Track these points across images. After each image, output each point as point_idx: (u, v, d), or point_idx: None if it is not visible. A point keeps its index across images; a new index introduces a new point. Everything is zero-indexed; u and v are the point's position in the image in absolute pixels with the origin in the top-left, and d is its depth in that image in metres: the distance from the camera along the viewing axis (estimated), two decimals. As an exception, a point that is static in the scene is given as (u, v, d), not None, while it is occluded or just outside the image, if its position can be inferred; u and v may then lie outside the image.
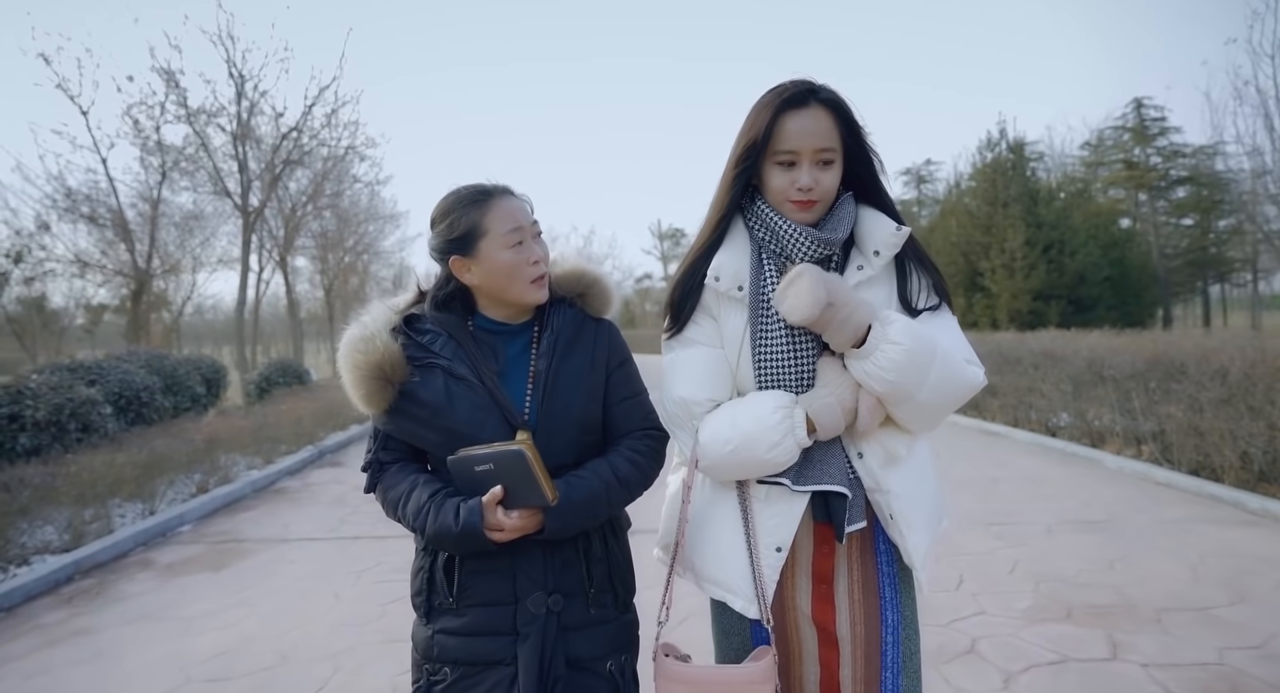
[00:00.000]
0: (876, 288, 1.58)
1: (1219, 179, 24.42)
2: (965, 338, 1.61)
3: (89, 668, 3.67)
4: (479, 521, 1.42)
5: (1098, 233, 21.93)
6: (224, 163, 15.59)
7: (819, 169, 1.51)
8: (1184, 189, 27.27)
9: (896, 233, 1.56)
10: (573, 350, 1.59)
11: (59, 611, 4.47)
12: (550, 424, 1.53)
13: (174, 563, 5.34)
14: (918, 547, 1.55)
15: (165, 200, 16.55)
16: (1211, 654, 3.36)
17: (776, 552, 1.53)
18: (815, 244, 1.52)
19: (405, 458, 1.62)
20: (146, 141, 15.44)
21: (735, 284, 1.57)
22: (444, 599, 1.54)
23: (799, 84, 1.53)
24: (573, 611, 1.53)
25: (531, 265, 1.54)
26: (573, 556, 1.55)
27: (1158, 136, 26.52)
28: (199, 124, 14.44)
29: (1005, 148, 23.62)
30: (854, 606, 1.59)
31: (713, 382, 1.58)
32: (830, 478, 1.52)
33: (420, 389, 1.52)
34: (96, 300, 22.98)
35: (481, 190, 1.56)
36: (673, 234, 53.40)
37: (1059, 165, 29.17)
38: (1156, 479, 6.69)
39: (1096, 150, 28.78)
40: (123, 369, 8.77)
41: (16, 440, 6.63)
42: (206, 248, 19.04)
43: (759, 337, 1.55)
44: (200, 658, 3.70)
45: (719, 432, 1.51)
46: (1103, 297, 21.30)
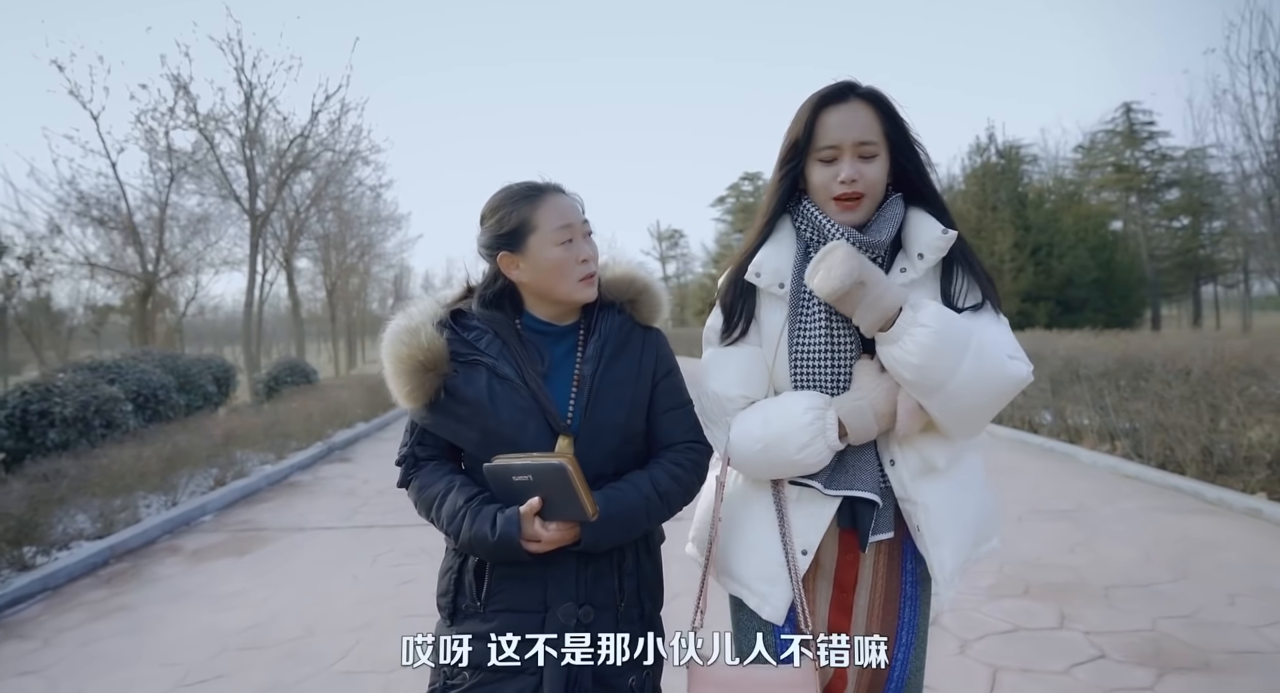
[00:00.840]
0: (918, 292, 1.53)
1: (1209, 182, 24.85)
2: (1013, 337, 1.56)
3: (135, 638, 4.04)
4: (516, 531, 1.40)
5: (1086, 236, 22.37)
6: (230, 167, 15.97)
7: (861, 162, 1.49)
8: (1175, 191, 27.69)
9: (943, 236, 1.52)
10: (619, 358, 1.57)
11: (99, 590, 4.85)
12: (592, 432, 1.51)
13: (199, 549, 5.72)
14: (943, 563, 1.51)
15: (173, 203, 16.89)
16: (1146, 623, 3.74)
17: (803, 554, 1.52)
18: (858, 246, 1.49)
19: (441, 456, 1.60)
20: (155, 146, 15.80)
21: (776, 281, 1.56)
22: (471, 602, 1.51)
23: (838, 82, 1.53)
24: (601, 624, 1.50)
25: (580, 264, 1.52)
26: (606, 568, 1.52)
27: (1146, 140, 27.03)
28: (208, 130, 14.82)
29: (995, 152, 24.09)
30: (871, 620, 1.56)
31: (748, 378, 1.56)
32: (861, 484, 1.50)
33: (463, 386, 1.50)
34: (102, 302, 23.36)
35: (533, 187, 1.55)
36: (671, 235, 53.79)
37: (1053, 168, 29.63)
38: (1126, 472, 7.06)
39: (1089, 153, 29.25)
40: (140, 368, 9.16)
41: (46, 435, 7.01)
42: (211, 250, 19.36)
43: (797, 334, 1.53)
44: (233, 631, 4.07)
45: (750, 429, 1.50)
46: (1090, 298, 21.74)
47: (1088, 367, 8.22)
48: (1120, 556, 4.81)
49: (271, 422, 9.36)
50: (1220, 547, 4.90)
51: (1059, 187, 26.69)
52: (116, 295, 21.64)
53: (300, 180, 17.93)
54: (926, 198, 1.57)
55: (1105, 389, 7.83)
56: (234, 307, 37.06)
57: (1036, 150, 29.72)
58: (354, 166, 18.56)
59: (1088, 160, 29.06)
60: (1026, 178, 27.46)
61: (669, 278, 51.71)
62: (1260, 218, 15.77)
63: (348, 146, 17.20)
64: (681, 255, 53.52)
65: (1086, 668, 3.31)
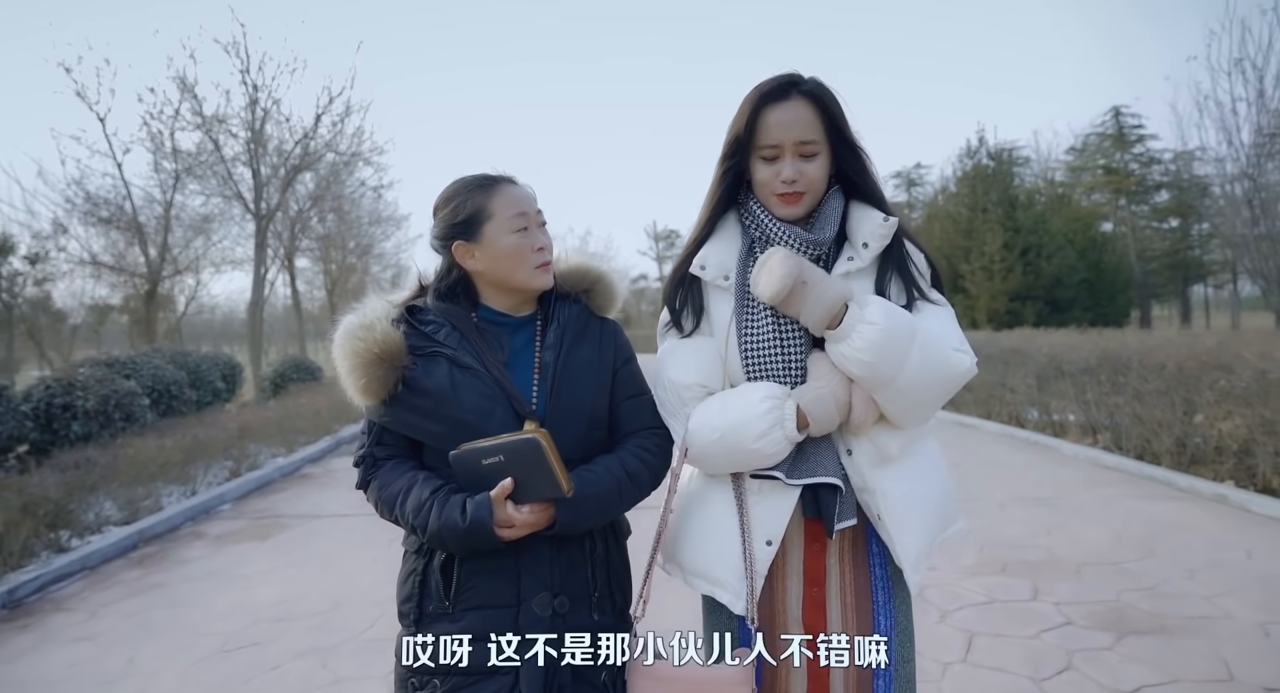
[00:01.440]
0: (865, 279, 1.56)
1: (1197, 184, 25.30)
2: (958, 327, 1.59)
3: (173, 611, 4.34)
4: (488, 515, 1.36)
5: (1075, 237, 22.82)
6: (234, 168, 16.23)
7: (802, 161, 1.50)
8: (1166, 193, 28.11)
9: (884, 224, 1.54)
10: (580, 344, 1.57)
11: (133, 570, 5.14)
12: (559, 416, 1.50)
13: (222, 534, 6.01)
14: (907, 547, 1.51)
15: (176, 203, 17.13)
16: (1111, 595, 4.06)
17: (767, 545, 1.51)
18: (803, 245, 1.52)
19: (401, 454, 1.55)
20: (160, 147, 16.05)
21: (721, 274, 1.57)
22: (439, 604, 1.46)
23: (780, 77, 1.53)
24: (577, 615, 1.47)
25: (536, 251, 1.52)
26: (580, 556, 1.50)
27: (1135, 144, 27.53)
28: (214, 132, 15.09)
29: (985, 155, 24.55)
30: (846, 610, 1.54)
31: (702, 367, 1.57)
32: (824, 470, 1.50)
33: (423, 379, 1.47)
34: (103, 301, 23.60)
35: (486, 177, 1.55)
36: (668, 235, 54.07)
37: (1045, 169, 30.06)
38: (1105, 463, 7.39)
39: (1081, 155, 29.70)
40: (154, 364, 9.44)
41: (70, 428, 7.29)
42: (213, 249, 19.61)
43: (745, 326, 1.54)
44: (264, 605, 4.37)
45: (708, 418, 1.50)
46: (1078, 298, 22.17)
47: (1070, 363, 8.57)
48: (1092, 537, 5.12)
49: (282, 416, 9.65)
50: (1186, 529, 5.22)
51: (1049, 189, 27.17)
52: (117, 294, 21.94)
53: (302, 180, 18.20)
54: (867, 192, 1.58)
55: (1087, 385, 8.17)
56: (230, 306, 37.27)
57: (1029, 152, 30.25)
58: (356, 167, 18.83)
59: (1080, 163, 29.54)
60: (1019, 179, 27.90)
61: (665, 278, 52.12)
62: (1243, 221, 16.20)
63: (350, 148, 17.47)
64: (677, 256, 53.85)
65: (1053, 633, 3.62)
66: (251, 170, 15.25)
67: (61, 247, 16.87)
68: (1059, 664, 3.31)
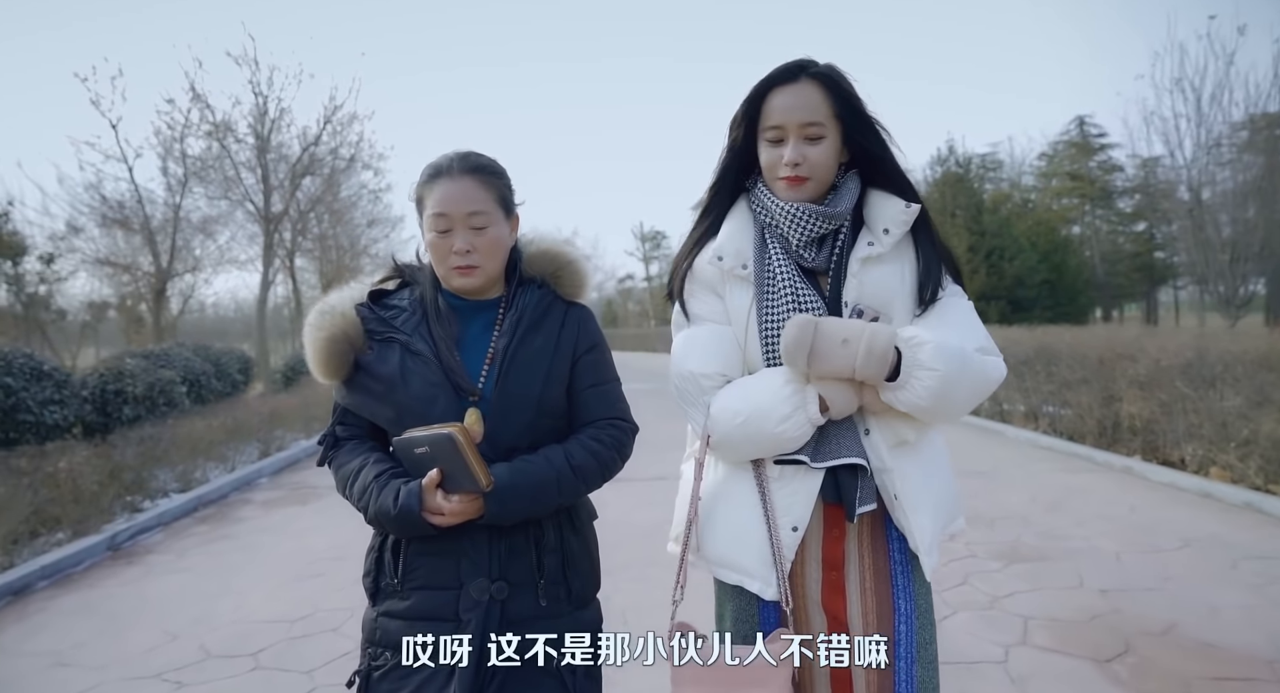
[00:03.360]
0: (886, 266, 1.53)
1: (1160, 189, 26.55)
2: (979, 322, 1.57)
3: (245, 554, 5.26)
4: (416, 504, 1.40)
5: (1038, 240, 24.00)
6: (244, 173, 17.04)
7: (806, 144, 1.49)
8: (1134, 198, 29.33)
9: (906, 210, 1.52)
10: (536, 332, 1.56)
11: (201, 526, 6.05)
12: (505, 404, 1.49)
13: (268, 501, 6.92)
14: (923, 529, 1.50)
15: (185, 206, 17.91)
16: (1011, 537, 5.04)
17: (793, 531, 1.49)
18: (812, 218, 1.49)
19: (362, 435, 1.59)
20: (170, 152, 16.84)
21: (739, 263, 1.54)
22: (390, 580, 1.51)
23: (789, 62, 1.52)
24: (520, 601, 1.48)
25: (452, 254, 1.50)
26: (522, 543, 1.50)
27: (1098, 151, 28.87)
28: (226, 140, 15.92)
29: (955, 163, 25.72)
30: (865, 594, 1.53)
31: (721, 356, 1.54)
32: (847, 451, 1.48)
33: (377, 364, 1.51)
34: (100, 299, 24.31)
35: (434, 167, 1.54)
36: (654, 236, 55.01)
37: (1016, 175, 31.31)
38: (1041, 444, 8.40)
39: (1052, 161, 30.97)
40: (185, 356, 10.31)
41: (122, 411, 8.16)
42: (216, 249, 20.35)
43: (765, 313, 1.51)
44: (319, 550, 5.28)
45: (730, 404, 1.48)
46: (1040, 298, 23.37)
47: (1013, 356, 9.60)
48: (1012, 499, 6.11)
49: (302, 404, 10.56)
50: (1090, 492, 6.22)
51: (1015, 194, 28.46)
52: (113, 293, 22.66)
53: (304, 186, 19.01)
54: (887, 175, 1.55)
55: (1025, 374, 9.19)
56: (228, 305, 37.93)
57: (1004, 157, 31.53)
58: (355, 171, 19.67)
59: (1050, 168, 30.81)
60: (991, 185, 29.13)
61: (652, 278, 52.94)
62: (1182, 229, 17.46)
63: (351, 153, 18.34)
64: (664, 256, 54.78)
65: (959, 562, 4.59)
66: (261, 175, 16.08)
67: (74, 248, 17.63)
68: (957, 582, 4.28)
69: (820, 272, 1.55)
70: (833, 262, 1.53)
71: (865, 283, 1.52)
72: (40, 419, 7.13)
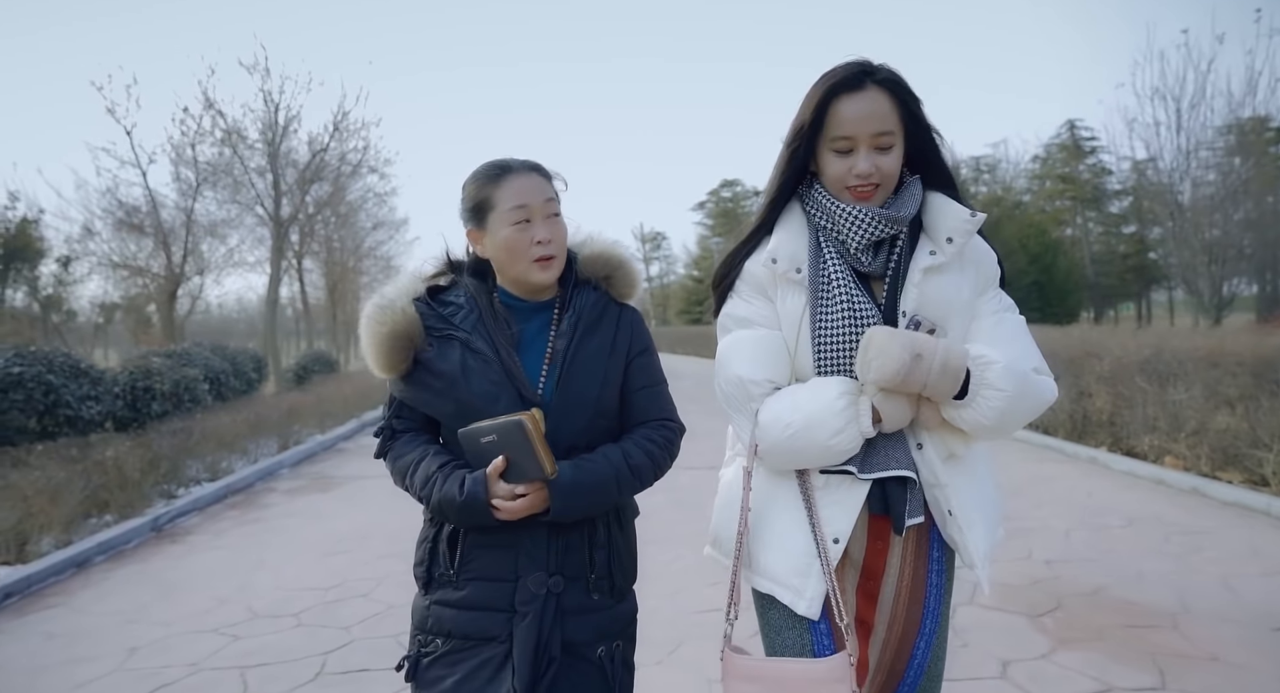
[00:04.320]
0: (947, 277, 1.50)
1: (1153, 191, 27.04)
2: (1033, 339, 1.56)
3: (276, 535, 5.77)
4: (482, 492, 1.42)
5: (1028, 243, 24.46)
6: (255, 178, 17.57)
7: (878, 154, 1.45)
8: (1126, 200, 29.81)
9: (972, 219, 1.50)
10: (594, 333, 1.57)
11: (232, 511, 6.57)
12: (565, 404, 1.52)
13: (291, 489, 7.43)
14: (977, 545, 1.49)
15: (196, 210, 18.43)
16: (974, 517, 5.53)
17: (834, 543, 1.47)
18: (876, 221, 1.46)
19: (418, 428, 1.62)
20: (182, 157, 17.36)
21: (793, 267, 1.52)
22: (445, 570, 1.53)
23: (852, 66, 1.46)
24: (572, 595, 1.52)
25: (534, 245, 1.51)
26: (577, 539, 1.53)
27: (1089, 155, 29.39)
28: (238, 146, 16.45)
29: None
30: (898, 606, 1.54)
31: (771, 362, 1.51)
32: (896, 463, 1.45)
33: (437, 360, 1.52)
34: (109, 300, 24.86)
35: (500, 165, 1.56)
36: (654, 237, 55.54)
37: (1010, 177, 31.83)
38: (1018, 438, 8.86)
39: (1045, 164, 31.47)
40: (205, 356, 10.83)
41: (150, 406, 8.67)
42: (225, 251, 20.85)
43: (819, 319, 1.48)
44: (343, 531, 5.79)
45: (780, 414, 1.45)
46: (1029, 299, 23.80)
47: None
48: (981, 486, 6.60)
49: (316, 400, 11.08)
50: (1054, 480, 6.72)
51: (1006, 196, 28.96)
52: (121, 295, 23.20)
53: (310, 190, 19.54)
54: (943, 180, 1.55)
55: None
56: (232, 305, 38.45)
57: (1000, 158, 32.12)
58: (362, 174, 20.19)
59: (1044, 171, 31.33)
60: (985, 187, 29.64)
61: (652, 279, 53.48)
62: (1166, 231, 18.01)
63: (358, 159, 18.87)
64: (664, 257, 55.32)
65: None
66: (273, 180, 16.61)
67: (90, 251, 18.17)
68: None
69: (876, 277, 1.53)
70: (890, 267, 1.51)
71: (926, 293, 1.49)
72: (78, 413, 7.64)
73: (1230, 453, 6.04)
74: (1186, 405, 6.60)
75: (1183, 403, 6.64)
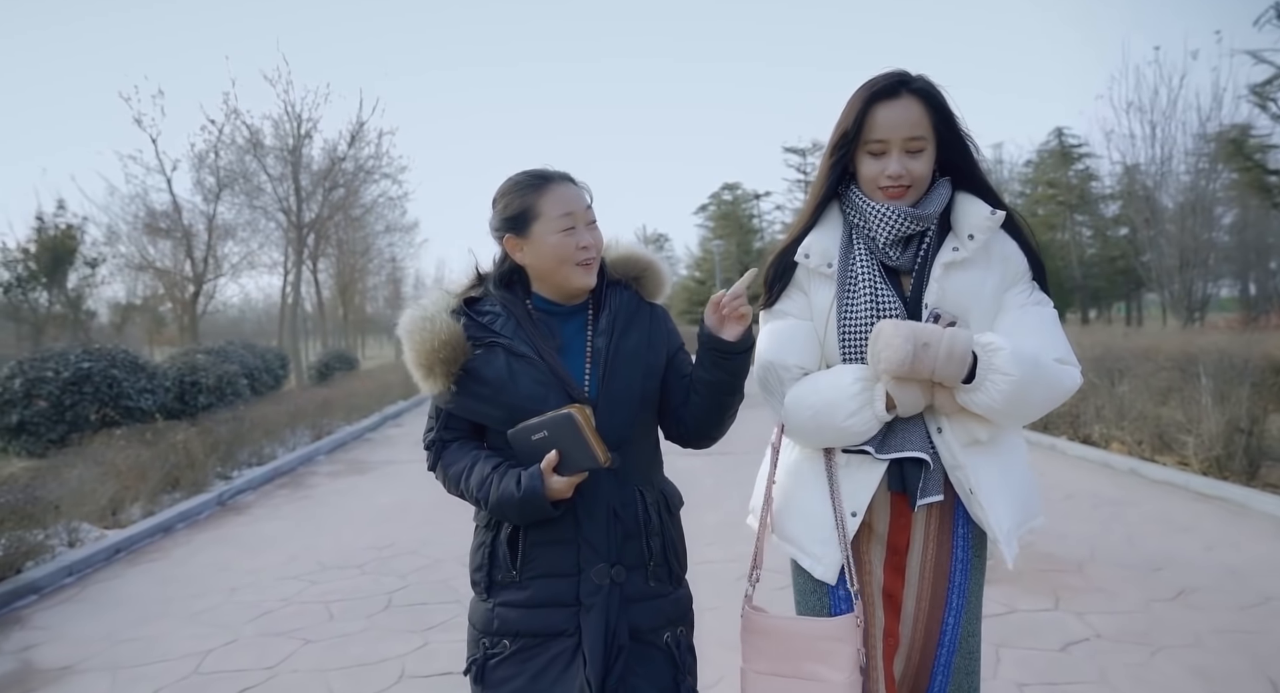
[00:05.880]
0: (969, 272, 1.58)
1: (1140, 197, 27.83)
2: (1061, 331, 1.61)
3: (324, 509, 6.61)
4: (539, 485, 1.46)
5: (1016, 245, 25.24)
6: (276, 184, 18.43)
7: (909, 157, 1.55)
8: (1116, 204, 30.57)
9: (991, 216, 1.57)
10: (630, 330, 1.63)
11: (282, 490, 7.41)
12: (610, 400, 1.56)
13: (331, 472, 8.28)
14: (1000, 521, 1.54)
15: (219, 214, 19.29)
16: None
17: (852, 517, 1.58)
18: (901, 218, 1.56)
19: (465, 436, 1.66)
20: (204, 163, 18.21)
21: (825, 262, 1.62)
22: (506, 573, 1.57)
23: (890, 76, 1.57)
24: (633, 583, 1.56)
25: (579, 250, 1.56)
26: (634, 528, 1.57)
27: (1076, 161, 30.27)
28: (260, 155, 17.33)
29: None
30: (923, 582, 1.61)
31: (800, 349, 1.62)
32: (911, 445, 1.54)
33: (483, 367, 1.56)
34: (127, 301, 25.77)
35: (540, 175, 1.61)
36: (657, 239, 56.28)
37: (1009, 180, 32.66)
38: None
39: (1038, 168, 32.29)
40: (240, 353, 11.69)
41: (197, 399, 9.52)
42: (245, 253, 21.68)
43: (844, 309, 1.59)
44: (386, 505, 6.61)
45: (803, 397, 1.57)
46: (1015, 301, 24.39)
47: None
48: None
49: (346, 395, 11.95)
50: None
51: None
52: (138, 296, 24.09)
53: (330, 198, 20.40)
54: (974, 183, 1.62)
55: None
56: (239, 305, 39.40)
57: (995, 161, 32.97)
58: (377, 179, 21.04)
59: (1036, 175, 32.17)
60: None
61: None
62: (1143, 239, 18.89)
63: (374, 166, 19.74)
64: (667, 259, 55.80)
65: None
66: (295, 185, 17.47)
67: (118, 254, 19.03)
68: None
69: (904, 272, 1.62)
70: (917, 262, 1.60)
71: (947, 287, 1.57)
72: (136, 404, 8.47)
73: (1165, 438, 6.85)
74: (1128, 398, 7.41)
75: (1125, 395, 7.45)
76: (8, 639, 3.91)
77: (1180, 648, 3.32)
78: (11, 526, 4.64)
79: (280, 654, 3.60)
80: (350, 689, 3.22)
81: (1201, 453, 6.29)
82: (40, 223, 17.25)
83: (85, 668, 3.54)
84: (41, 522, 4.92)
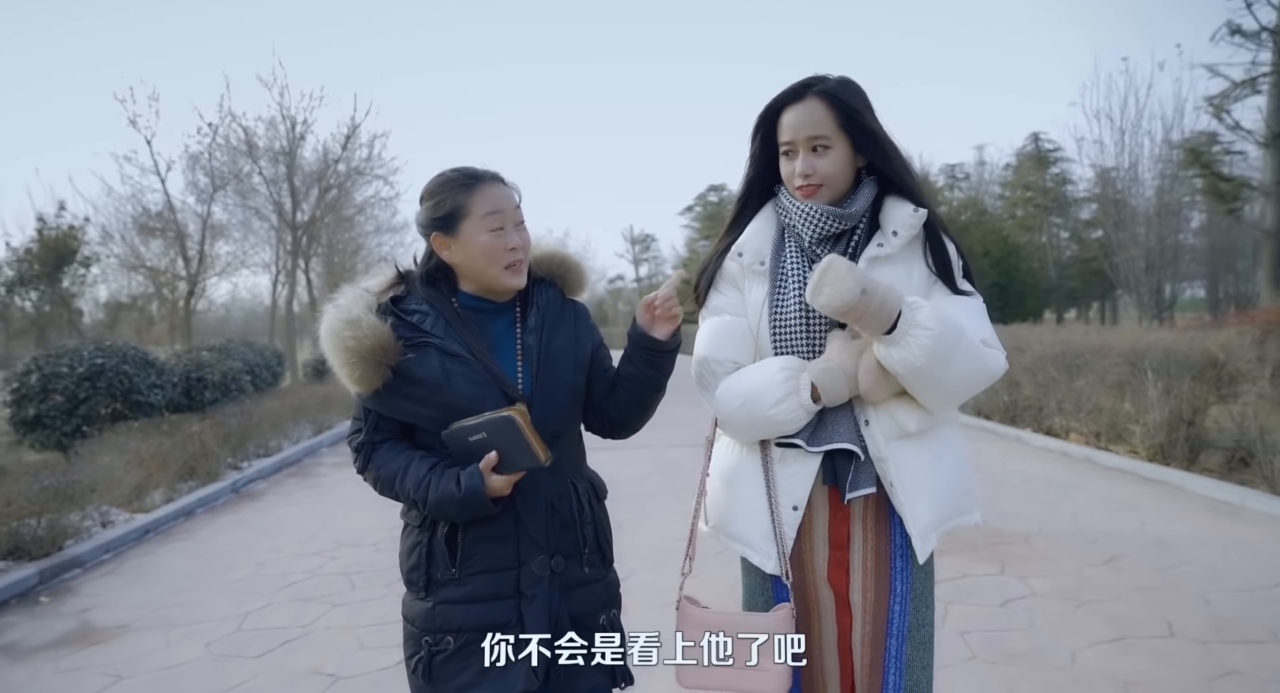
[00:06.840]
0: (893, 267, 1.63)
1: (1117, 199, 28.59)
2: (988, 320, 1.66)
3: (335, 495, 7.04)
4: (480, 484, 1.47)
5: (990, 248, 25.91)
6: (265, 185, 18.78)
7: (814, 156, 1.62)
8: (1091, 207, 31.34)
9: (914, 214, 1.63)
10: (559, 327, 1.67)
11: (293, 479, 7.83)
12: (545, 396, 1.59)
13: (336, 462, 8.69)
14: (917, 515, 1.58)
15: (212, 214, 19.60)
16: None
17: (793, 510, 1.61)
18: (823, 217, 1.62)
19: (395, 436, 1.64)
20: (198, 164, 18.53)
21: (757, 260, 1.69)
22: (445, 571, 1.56)
23: (798, 82, 1.65)
24: (570, 571, 1.61)
25: (508, 251, 1.58)
26: (570, 518, 1.62)
27: (1052, 165, 31.05)
28: (255, 156, 17.68)
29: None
30: (866, 573, 1.65)
31: (733, 344, 1.68)
32: (840, 437, 1.58)
33: (416, 368, 1.54)
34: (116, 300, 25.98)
35: (470, 173, 1.60)
36: (644, 239, 56.78)
37: (983, 184, 33.46)
38: (960, 421, 10.23)
39: (1017, 171, 33.05)
40: (242, 351, 12.07)
41: (203, 395, 9.90)
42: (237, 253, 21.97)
43: (775, 305, 1.66)
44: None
45: (732, 387, 1.63)
46: (990, 301, 24.79)
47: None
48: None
49: (342, 391, 12.29)
50: (980, 455, 8.01)
51: (973, 204, 30.62)
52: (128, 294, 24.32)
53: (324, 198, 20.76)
54: (898, 182, 1.67)
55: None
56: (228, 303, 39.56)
57: (983, 162, 33.89)
58: (369, 180, 21.41)
59: (1015, 178, 32.93)
60: (961, 192, 31.25)
61: (641, 279, 54.75)
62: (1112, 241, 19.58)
63: (366, 168, 20.11)
64: (654, 259, 56.58)
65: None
66: (289, 188, 17.82)
67: (112, 253, 19.30)
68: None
69: None
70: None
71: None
72: (146, 399, 8.85)
73: (1117, 429, 7.38)
74: (1085, 391, 7.95)
75: (1083, 389, 7.99)
76: (64, 604, 4.33)
77: (1101, 601, 3.83)
78: (55, 508, 5.05)
79: (313, 615, 4.04)
80: (379, 642, 3.66)
81: (1148, 441, 6.83)
82: (42, 223, 17.49)
83: (140, 626, 3.97)
84: (80, 503, 5.33)
